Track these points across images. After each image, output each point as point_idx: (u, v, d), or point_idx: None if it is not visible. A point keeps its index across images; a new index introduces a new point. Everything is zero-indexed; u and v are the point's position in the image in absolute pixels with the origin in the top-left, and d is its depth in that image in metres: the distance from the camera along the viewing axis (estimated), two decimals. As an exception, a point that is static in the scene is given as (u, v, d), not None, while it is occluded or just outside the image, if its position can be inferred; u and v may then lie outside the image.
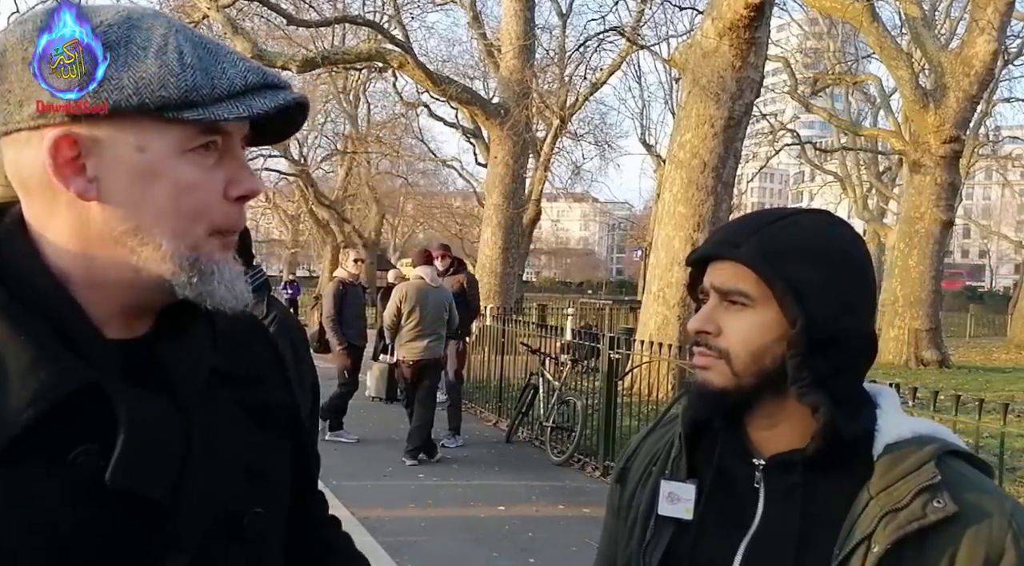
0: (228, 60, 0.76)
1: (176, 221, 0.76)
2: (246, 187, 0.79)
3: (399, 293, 7.28)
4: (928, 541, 0.95)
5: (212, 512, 0.80)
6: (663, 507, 1.09)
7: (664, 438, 1.19)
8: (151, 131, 0.74)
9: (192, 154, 0.76)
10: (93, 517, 0.72)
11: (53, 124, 0.73)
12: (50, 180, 0.74)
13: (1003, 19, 15.17)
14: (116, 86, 0.72)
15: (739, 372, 1.03)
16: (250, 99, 0.76)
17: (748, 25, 8.80)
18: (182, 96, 0.73)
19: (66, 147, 0.73)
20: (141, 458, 0.73)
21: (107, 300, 0.77)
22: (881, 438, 1.02)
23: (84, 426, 0.72)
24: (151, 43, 0.74)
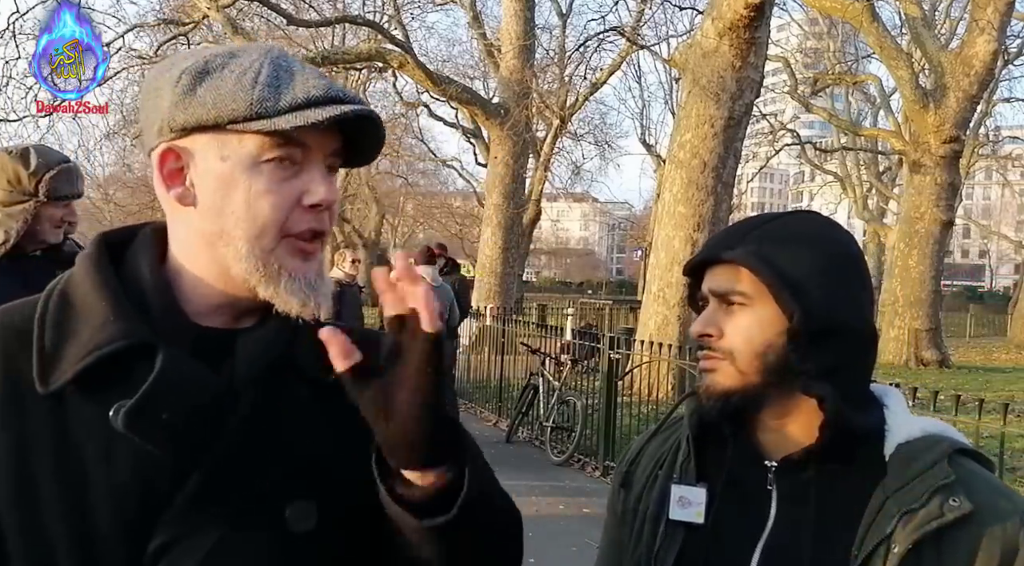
0: (301, 78, 0.85)
1: (251, 225, 0.84)
2: (319, 196, 0.85)
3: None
4: (945, 540, 0.95)
5: (247, 493, 0.82)
6: (674, 511, 1.09)
7: (669, 441, 1.19)
8: (232, 143, 0.83)
9: (268, 165, 0.84)
10: (119, 465, 0.79)
11: (163, 140, 0.85)
12: (163, 189, 0.86)
13: (1003, 19, 15.17)
14: (200, 103, 0.83)
15: (744, 370, 1.04)
16: (310, 111, 0.82)
17: (748, 25, 8.80)
18: (248, 109, 0.82)
19: (170, 159, 0.86)
20: (161, 412, 0.79)
21: (206, 295, 0.87)
22: (892, 437, 1.03)
23: (134, 383, 0.79)
24: (239, 66, 0.84)
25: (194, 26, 15.78)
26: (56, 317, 0.84)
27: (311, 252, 0.87)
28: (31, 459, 0.79)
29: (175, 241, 0.89)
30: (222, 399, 0.83)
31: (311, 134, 0.84)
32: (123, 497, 0.79)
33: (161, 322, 0.84)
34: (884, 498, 0.99)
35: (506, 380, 9.37)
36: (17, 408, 0.81)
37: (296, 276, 0.85)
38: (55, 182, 2.34)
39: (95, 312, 0.82)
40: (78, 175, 2.46)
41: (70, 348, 0.81)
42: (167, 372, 0.80)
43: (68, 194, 2.39)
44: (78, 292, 0.85)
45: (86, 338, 0.81)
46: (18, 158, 2.33)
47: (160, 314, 0.84)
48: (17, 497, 0.78)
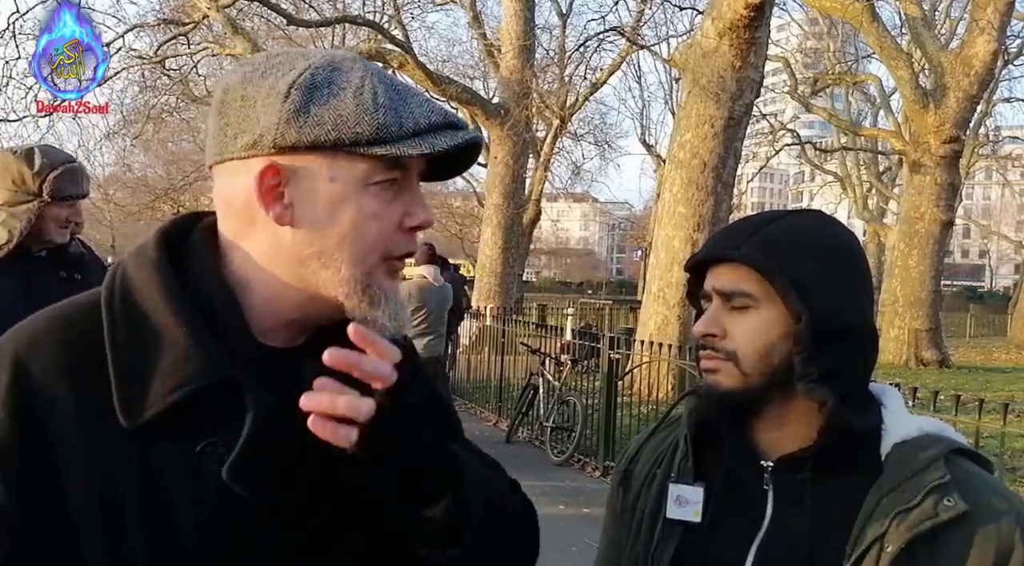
0: (415, 101, 0.83)
1: (356, 248, 0.83)
2: (421, 219, 0.86)
3: (403, 292, 7.27)
4: (940, 539, 0.95)
5: (314, 522, 0.83)
6: (671, 510, 1.10)
7: (667, 440, 1.19)
8: (343, 163, 0.81)
9: (375, 187, 0.82)
10: (207, 506, 0.78)
11: (260, 154, 0.81)
12: (252, 204, 0.82)
13: (1003, 19, 15.17)
14: (318, 122, 0.80)
15: (747, 372, 1.04)
16: (432, 137, 0.82)
17: (748, 25, 8.80)
18: (374, 133, 0.80)
19: (270, 176, 0.82)
20: (257, 461, 0.78)
21: (279, 312, 0.85)
22: (889, 437, 1.03)
23: (219, 419, 0.79)
24: (350, 84, 0.82)
25: (194, 26, 15.78)
26: (130, 338, 0.80)
27: (399, 270, 0.88)
28: (118, 497, 0.76)
29: (250, 255, 0.85)
30: (300, 434, 0.80)
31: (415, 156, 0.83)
32: (210, 536, 0.78)
33: (235, 345, 0.82)
34: (879, 497, 0.99)
35: (506, 380, 9.36)
36: (101, 441, 0.77)
37: (392, 298, 0.86)
38: (59, 182, 2.33)
39: (173, 337, 0.79)
40: (83, 175, 2.46)
41: (154, 378, 0.78)
42: (260, 418, 0.78)
43: (72, 194, 2.39)
44: (147, 305, 0.81)
45: (171, 369, 0.78)
46: (22, 158, 2.33)
47: (232, 335, 0.82)
48: (105, 543, 0.76)
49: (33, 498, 0.76)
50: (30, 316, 0.84)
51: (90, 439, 0.77)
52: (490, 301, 14.03)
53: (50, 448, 0.76)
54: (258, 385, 0.80)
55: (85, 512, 0.76)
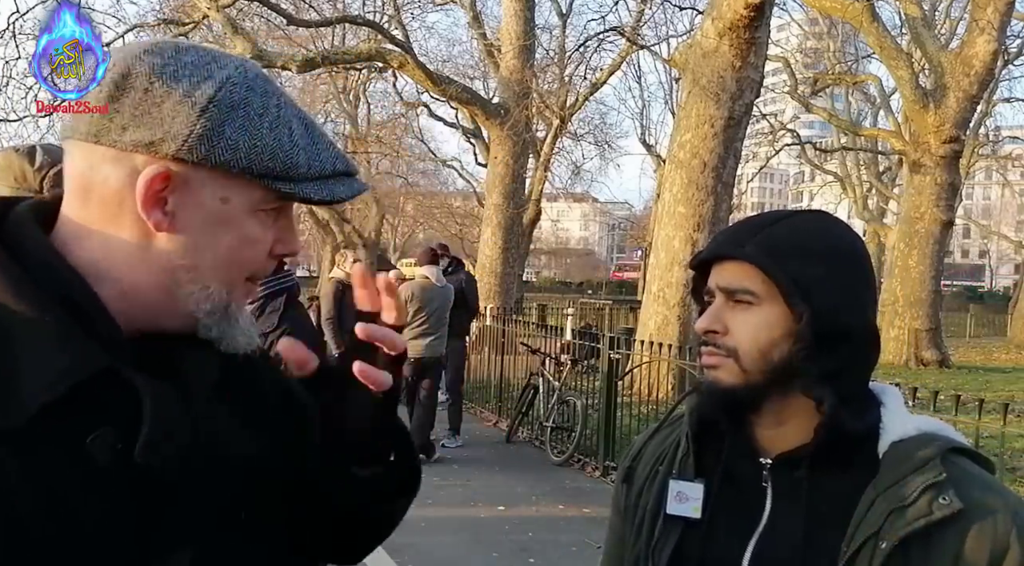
0: (323, 143, 0.85)
1: (229, 269, 0.83)
2: (291, 247, 0.88)
3: (404, 293, 7.28)
4: (934, 538, 0.96)
5: (214, 505, 0.83)
6: (671, 506, 1.11)
7: (670, 438, 1.20)
8: (238, 187, 0.81)
9: (261, 213, 0.83)
10: (107, 501, 0.75)
11: (155, 158, 0.78)
12: (126, 201, 0.78)
13: (1003, 19, 15.17)
14: (231, 146, 0.78)
15: (748, 369, 1.04)
16: (333, 184, 0.85)
17: (748, 25, 8.80)
18: (284, 171, 0.81)
19: (159, 181, 0.78)
20: (161, 438, 0.77)
21: (130, 312, 0.81)
22: (886, 436, 1.04)
23: (102, 409, 0.76)
24: (267, 112, 0.81)
25: (194, 26, 15.78)
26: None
27: (253, 293, 0.89)
28: (11, 505, 0.71)
29: (109, 247, 0.80)
30: (187, 417, 0.81)
31: None
32: (113, 528, 0.75)
33: (102, 335, 0.77)
34: (875, 495, 0.99)
35: (506, 380, 9.36)
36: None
37: (244, 317, 0.86)
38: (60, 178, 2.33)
39: (36, 331, 0.74)
40: None
41: (22, 377, 0.72)
42: (155, 398, 0.77)
43: None
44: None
45: (40, 366, 0.73)
46: (24, 155, 2.33)
47: (100, 325, 0.78)
48: (7, 550, 0.71)
49: None
50: None
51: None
52: (490, 301, 14.02)
53: None
54: (137, 370, 0.78)
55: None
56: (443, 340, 7.37)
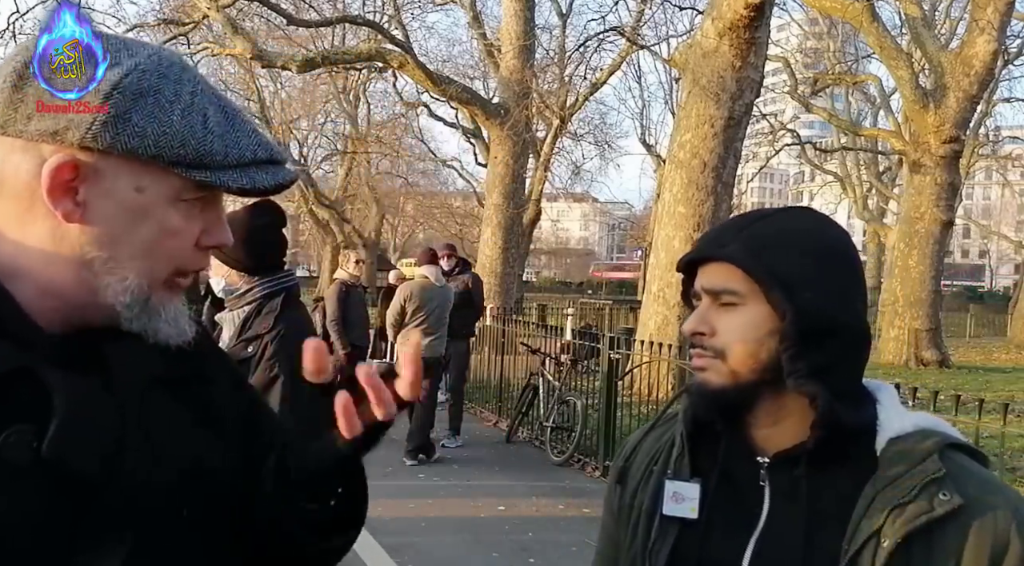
0: (243, 130, 0.82)
1: (149, 261, 0.80)
2: (218, 239, 0.85)
3: (404, 293, 7.28)
4: (935, 534, 0.95)
5: (148, 501, 0.81)
6: (668, 507, 1.10)
7: (664, 437, 1.19)
8: (153, 176, 0.78)
9: (182, 203, 0.80)
10: (26, 499, 0.73)
11: (61, 147, 0.75)
12: (35, 192, 0.76)
13: (1003, 19, 15.17)
14: (139, 133, 0.76)
15: (736, 369, 1.04)
16: (254, 172, 0.81)
17: (748, 25, 8.80)
18: (197, 158, 0.78)
19: (66, 170, 0.76)
20: (76, 433, 0.75)
21: (54, 308, 0.80)
22: (884, 432, 1.03)
23: (16, 408, 0.74)
24: (179, 99, 0.78)
25: (194, 26, 15.79)
26: None
27: (183, 285, 0.86)
28: None
29: (24, 243, 0.78)
30: (114, 411, 0.79)
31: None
32: (32, 527, 0.73)
33: (16, 333, 0.76)
34: (874, 492, 0.99)
35: (506, 380, 9.36)
36: None
37: (172, 310, 0.84)
38: None
39: None
40: None
41: None
42: (69, 394, 0.75)
43: None
44: None
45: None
46: None
47: (13, 325, 0.76)
48: None
49: None
50: None
51: None
52: (490, 301, 14.02)
53: None
54: (56, 367, 0.76)
55: None
56: (443, 340, 7.37)
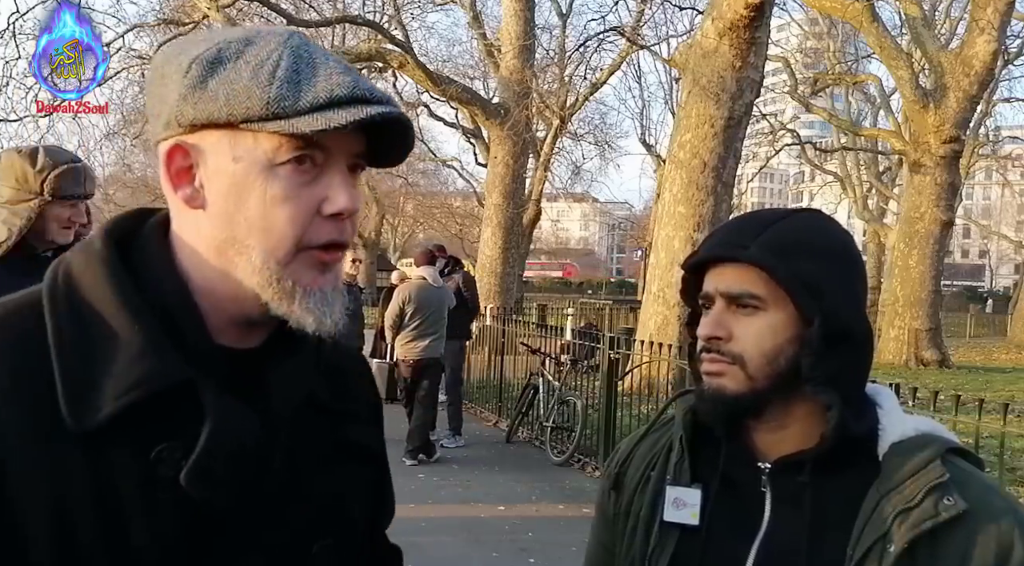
0: (324, 74, 0.76)
1: (267, 235, 0.76)
2: (340, 205, 0.77)
3: (402, 294, 7.28)
4: (940, 538, 0.95)
5: (281, 533, 0.80)
6: (669, 513, 1.08)
7: (660, 442, 1.18)
8: (246, 142, 0.75)
9: (284, 168, 0.75)
10: (163, 514, 0.73)
11: (172, 134, 0.77)
12: (168, 188, 0.78)
13: (1003, 19, 15.17)
14: (212, 97, 0.74)
15: (753, 375, 1.02)
16: (331, 112, 0.74)
17: (748, 25, 8.80)
18: (263, 108, 0.73)
19: (180, 156, 0.77)
20: (217, 465, 0.74)
21: (219, 308, 0.79)
22: (886, 437, 1.03)
23: (174, 423, 0.74)
24: (256, 57, 0.75)
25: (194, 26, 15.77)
26: (78, 339, 0.73)
27: (329, 263, 0.80)
28: (70, 511, 0.70)
29: (183, 246, 0.79)
30: (262, 441, 0.78)
31: (333, 135, 0.75)
32: (168, 547, 0.73)
33: (193, 347, 0.76)
34: (879, 498, 0.99)
35: (506, 380, 9.36)
36: (49, 449, 0.70)
37: (312, 291, 0.78)
38: (61, 181, 2.33)
39: (126, 336, 0.73)
40: (87, 175, 2.45)
41: (105, 379, 0.72)
42: (219, 421, 0.74)
43: (74, 194, 2.38)
44: (96, 303, 0.75)
45: (123, 370, 0.72)
46: (27, 157, 2.33)
47: (192, 337, 0.77)
48: (59, 556, 0.70)
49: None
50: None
51: (35, 444, 0.70)
52: (490, 301, 14.02)
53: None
54: (218, 388, 0.75)
55: (35, 525, 0.70)
56: (442, 341, 7.37)
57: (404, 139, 0.81)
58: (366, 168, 0.83)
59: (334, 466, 0.87)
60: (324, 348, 0.86)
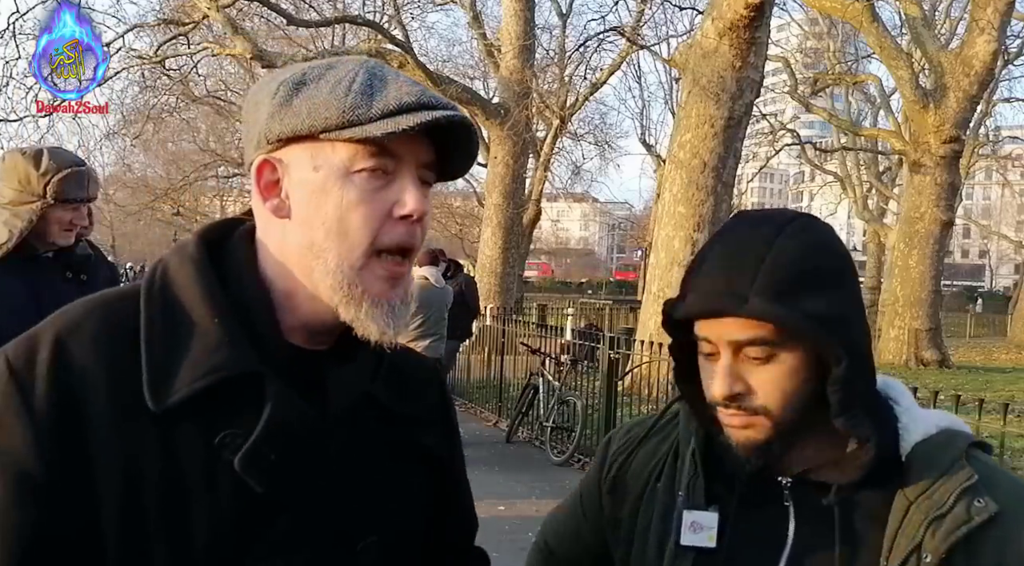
0: (394, 86, 0.83)
1: (340, 239, 0.82)
2: (409, 206, 0.83)
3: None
4: (974, 542, 0.92)
5: (328, 528, 0.84)
6: (685, 537, 1.03)
7: (662, 448, 1.12)
8: (325, 153, 0.82)
9: (359, 175, 0.82)
10: (221, 496, 0.79)
11: (261, 152, 0.85)
12: (258, 200, 0.86)
13: (1003, 19, 15.16)
14: (295, 113, 0.82)
15: (781, 421, 0.96)
16: (400, 117, 0.81)
17: (748, 25, 8.80)
18: (340, 117, 0.81)
19: (268, 170, 0.85)
20: (271, 453, 0.79)
21: (295, 311, 0.86)
22: (907, 436, 0.99)
23: (240, 411, 0.80)
24: (335, 77, 0.83)
25: (194, 26, 15.77)
26: (165, 328, 0.81)
27: (399, 276, 0.87)
28: (140, 481, 0.77)
29: (267, 254, 0.87)
30: (318, 435, 0.83)
31: (403, 144, 0.82)
32: (221, 528, 0.79)
33: (265, 343, 0.83)
34: (907, 504, 0.94)
35: (506, 380, 9.36)
36: (130, 424, 0.78)
37: (380, 302, 0.85)
38: (63, 184, 2.33)
39: (206, 329, 0.81)
40: (90, 179, 2.44)
41: (183, 366, 0.79)
42: (277, 412, 0.80)
43: (77, 197, 2.38)
44: (184, 299, 0.83)
45: (199, 358, 0.80)
46: (30, 159, 2.33)
47: (263, 332, 0.84)
48: (124, 520, 0.77)
49: (65, 472, 0.76)
50: (72, 303, 0.86)
51: (120, 418, 0.78)
52: (490, 301, 14.02)
53: (83, 425, 0.77)
54: (282, 382, 0.81)
55: (108, 489, 0.77)
56: (443, 341, 7.37)
57: (468, 145, 0.88)
58: (435, 183, 0.89)
59: (389, 466, 0.90)
60: (389, 354, 0.90)
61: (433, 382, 1.05)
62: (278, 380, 0.81)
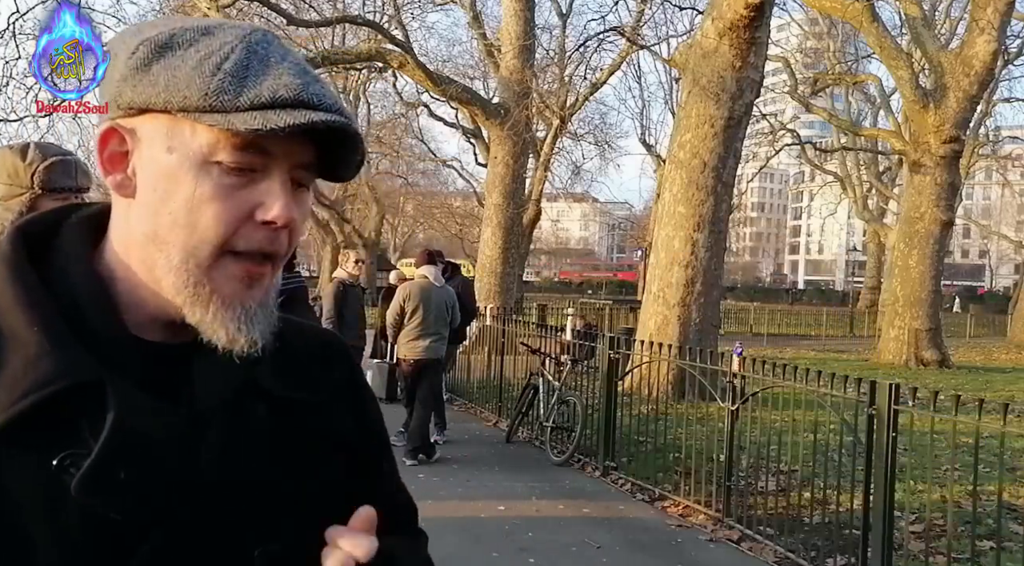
0: (273, 73, 0.71)
1: (187, 234, 0.70)
2: (273, 212, 0.72)
3: (403, 292, 7.28)
4: None
5: (214, 539, 0.73)
6: None
7: None
8: (183, 134, 0.70)
9: (219, 167, 0.70)
10: (71, 529, 0.67)
11: (113, 116, 0.72)
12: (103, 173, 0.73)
13: (1003, 19, 15.18)
14: (152, 82, 0.70)
15: None
16: (272, 114, 0.69)
17: (748, 25, 8.81)
18: (201, 99, 0.68)
19: (115, 140, 0.72)
20: (120, 470, 0.67)
21: (142, 304, 0.73)
22: None
23: (80, 427, 0.68)
24: (208, 47, 0.71)
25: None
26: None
27: (258, 277, 0.74)
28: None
29: (115, 233, 0.75)
30: (184, 439, 0.71)
31: (276, 140, 0.70)
32: (76, 558, 0.67)
33: (104, 343, 0.70)
34: None
35: (506, 380, 9.36)
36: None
37: (230, 304, 0.72)
38: (50, 173, 2.33)
39: (24, 338, 0.68)
40: (78, 168, 2.44)
41: (2, 384, 0.67)
42: (122, 420, 0.67)
43: (64, 186, 2.38)
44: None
45: (19, 374, 0.67)
46: (17, 152, 2.34)
47: (102, 331, 0.71)
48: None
49: None
50: None
51: None
52: (490, 301, 14.02)
53: None
54: (129, 384, 0.70)
55: None
56: (443, 341, 7.37)
57: (354, 153, 0.76)
58: (314, 181, 0.77)
59: (287, 460, 0.79)
60: (277, 333, 0.78)
61: (337, 358, 0.91)
62: (124, 383, 0.69)
